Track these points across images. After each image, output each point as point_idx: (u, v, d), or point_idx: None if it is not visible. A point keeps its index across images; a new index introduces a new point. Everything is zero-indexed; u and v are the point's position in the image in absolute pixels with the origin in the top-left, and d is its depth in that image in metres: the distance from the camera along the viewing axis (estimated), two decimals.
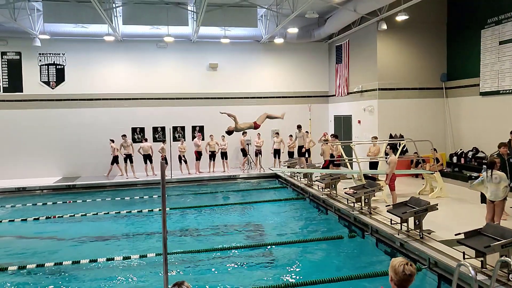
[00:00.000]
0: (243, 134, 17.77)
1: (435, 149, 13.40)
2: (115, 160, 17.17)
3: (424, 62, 16.17)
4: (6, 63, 17.45)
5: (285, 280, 7.19)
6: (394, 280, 2.84)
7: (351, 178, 12.94)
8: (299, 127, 17.59)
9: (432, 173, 11.89)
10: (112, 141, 17.16)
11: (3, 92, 17.48)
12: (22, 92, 17.62)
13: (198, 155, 17.78)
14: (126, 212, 12.32)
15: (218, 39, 18.02)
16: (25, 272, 7.78)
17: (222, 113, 9.90)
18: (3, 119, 17.42)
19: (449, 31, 16.07)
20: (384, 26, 14.85)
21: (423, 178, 13.16)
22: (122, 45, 18.18)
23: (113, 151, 17.12)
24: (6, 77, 17.47)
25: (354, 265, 7.85)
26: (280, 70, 19.81)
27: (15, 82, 17.54)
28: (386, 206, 9.03)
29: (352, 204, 10.53)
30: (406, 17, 13.82)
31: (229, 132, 9.55)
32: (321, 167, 15.26)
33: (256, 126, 9.63)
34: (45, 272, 7.79)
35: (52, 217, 11.83)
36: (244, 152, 18.32)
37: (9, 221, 11.58)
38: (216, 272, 7.69)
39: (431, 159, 13.62)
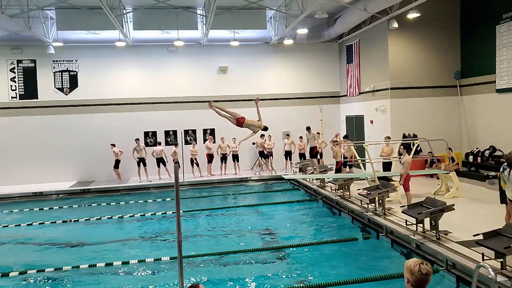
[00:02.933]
0: (261, 137, 17.81)
1: (450, 148, 13.19)
2: (116, 164, 17.32)
3: (437, 60, 15.93)
4: (22, 70, 17.75)
5: (300, 282, 7.14)
6: (411, 281, 2.77)
7: (364, 179, 12.79)
8: (308, 128, 17.42)
9: (447, 173, 11.68)
10: (113, 145, 17.32)
11: (20, 99, 17.78)
12: (37, 98, 17.90)
13: (210, 157, 17.81)
14: (140, 215, 12.41)
15: (227, 42, 18.06)
16: (44, 276, 7.89)
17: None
18: (20, 126, 17.70)
19: (462, 27, 15.81)
20: (395, 25, 14.68)
21: (438, 178, 12.95)
22: (133, 51, 18.34)
23: (116, 155, 17.27)
24: (22, 84, 17.78)
25: (369, 266, 7.74)
26: (290, 71, 19.74)
27: (30, 89, 17.83)
28: (401, 207, 8.89)
29: (366, 205, 10.41)
30: (418, 14, 13.65)
31: (265, 128, 9.27)
32: (334, 169, 15.13)
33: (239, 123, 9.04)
34: (63, 275, 7.89)
35: (68, 221, 12.01)
36: (263, 154, 18.21)
37: (28, 224, 11.83)
38: (230, 274, 7.68)
39: (446, 159, 13.40)
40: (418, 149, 14.34)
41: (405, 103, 15.75)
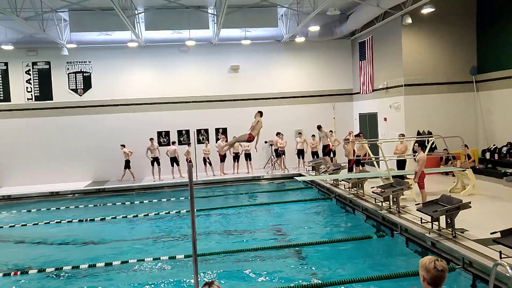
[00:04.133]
0: (277, 135, 17.77)
1: (466, 145, 12.95)
2: (127, 164, 17.47)
3: (453, 56, 15.65)
4: (37, 72, 18.04)
5: (314, 280, 7.11)
6: (427, 278, 2.74)
7: (378, 177, 12.66)
8: (319, 127, 17.31)
9: (463, 170, 11.48)
10: (123, 146, 17.46)
11: (35, 100, 18.07)
12: (52, 100, 18.16)
13: (222, 157, 17.84)
14: (154, 214, 12.51)
15: (238, 41, 18.04)
16: (62, 273, 8.03)
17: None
18: (36, 127, 18.00)
19: (479, 21, 15.49)
20: (409, 20, 14.45)
21: (453, 176, 12.73)
22: (145, 51, 18.47)
23: (126, 155, 17.42)
24: (37, 86, 18.07)
25: (384, 264, 7.69)
26: (302, 69, 19.64)
27: (45, 91, 18.12)
28: (415, 204, 8.76)
29: (380, 203, 10.29)
30: (432, 9, 13.42)
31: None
32: (347, 167, 15.01)
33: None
34: (80, 274, 8.02)
35: (84, 220, 12.18)
36: (278, 153, 18.15)
37: (45, 223, 12.03)
38: (244, 272, 7.70)
39: (462, 156, 13.16)
40: (433, 146, 14.13)
41: (420, 100, 15.52)
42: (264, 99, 19.30)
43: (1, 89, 17.83)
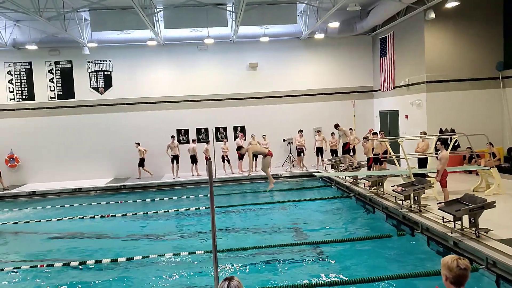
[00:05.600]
0: (299, 132, 17.75)
1: (491, 143, 12.57)
2: (141, 162, 17.64)
3: (478, 51, 15.19)
4: (59, 71, 18.43)
5: (334, 277, 7.06)
6: (450, 278, 2.69)
7: (398, 176, 12.42)
8: (336, 126, 17.05)
9: (488, 169, 11.14)
10: (138, 144, 17.63)
11: (58, 99, 18.47)
12: (74, 98, 18.52)
13: (241, 155, 17.83)
14: (174, 210, 12.63)
15: (257, 38, 17.94)
16: (85, 267, 8.21)
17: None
18: (59, 125, 18.40)
19: (506, 15, 14.98)
20: (432, 15, 14.08)
21: (477, 174, 12.37)
22: (164, 49, 18.61)
23: (141, 153, 17.58)
24: (60, 84, 18.46)
25: (404, 263, 7.57)
26: (322, 66, 19.43)
27: (67, 89, 18.49)
28: (437, 203, 8.56)
29: (400, 202, 10.09)
30: (457, 3, 13.05)
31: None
32: (366, 166, 14.80)
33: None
34: (103, 268, 8.19)
35: (106, 216, 12.39)
36: (297, 151, 18.05)
37: (69, 219, 12.31)
38: (263, 268, 7.71)
39: (486, 154, 12.80)
40: (456, 144, 13.75)
41: (442, 97, 15.14)
42: (283, 96, 19.20)
43: (26, 88, 18.29)
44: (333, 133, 17.63)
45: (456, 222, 7.67)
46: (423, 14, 14.58)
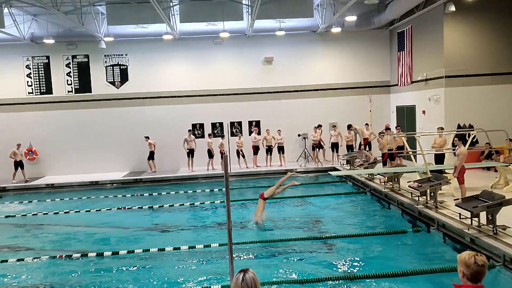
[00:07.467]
0: (314, 128, 17.69)
1: (510, 140, 12.26)
2: (151, 155, 17.77)
3: (498, 45, 14.83)
4: (76, 65, 18.68)
5: (349, 272, 7.05)
6: (467, 274, 2.66)
7: (415, 172, 12.24)
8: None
9: (507, 165, 10.90)
10: (147, 137, 17.77)
11: (75, 93, 18.74)
12: (91, 92, 18.77)
13: (255, 149, 17.84)
14: (190, 204, 12.75)
15: (273, 32, 17.84)
16: (102, 259, 8.36)
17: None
18: (76, 118, 18.68)
19: None
20: (452, 8, 13.77)
21: (495, 171, 12.12)
22: (180, 43, 18.68)
23: (150, 147, 17.72)
24: (77, 78, 18.73)
25: (420, 259, 7.52)
26: (338, 60, 19.23)
27: (84, 83, 18.74)
28: (454, 200, 8.40)
29: (416, 198, 9.96)
30: None
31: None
32: (381, 161, 14.61)
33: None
34: (120, 259, 8.33)
35: (122, 208, 12.58)
36: (319, 146, 17.95)
37: (86, 211, 12.53)
38: (278, 262, 7.72)
39: (505, 150, 12.52)
40: (474, 140, 13.48)
41: (461, 92, 14.84)
42: (298, 91, 19.09)
43: (43, 82, 18.60)
44: (350, 128, 17.46)
45: (473, 218, 7.55)
46: (442, 7, 14.29)
